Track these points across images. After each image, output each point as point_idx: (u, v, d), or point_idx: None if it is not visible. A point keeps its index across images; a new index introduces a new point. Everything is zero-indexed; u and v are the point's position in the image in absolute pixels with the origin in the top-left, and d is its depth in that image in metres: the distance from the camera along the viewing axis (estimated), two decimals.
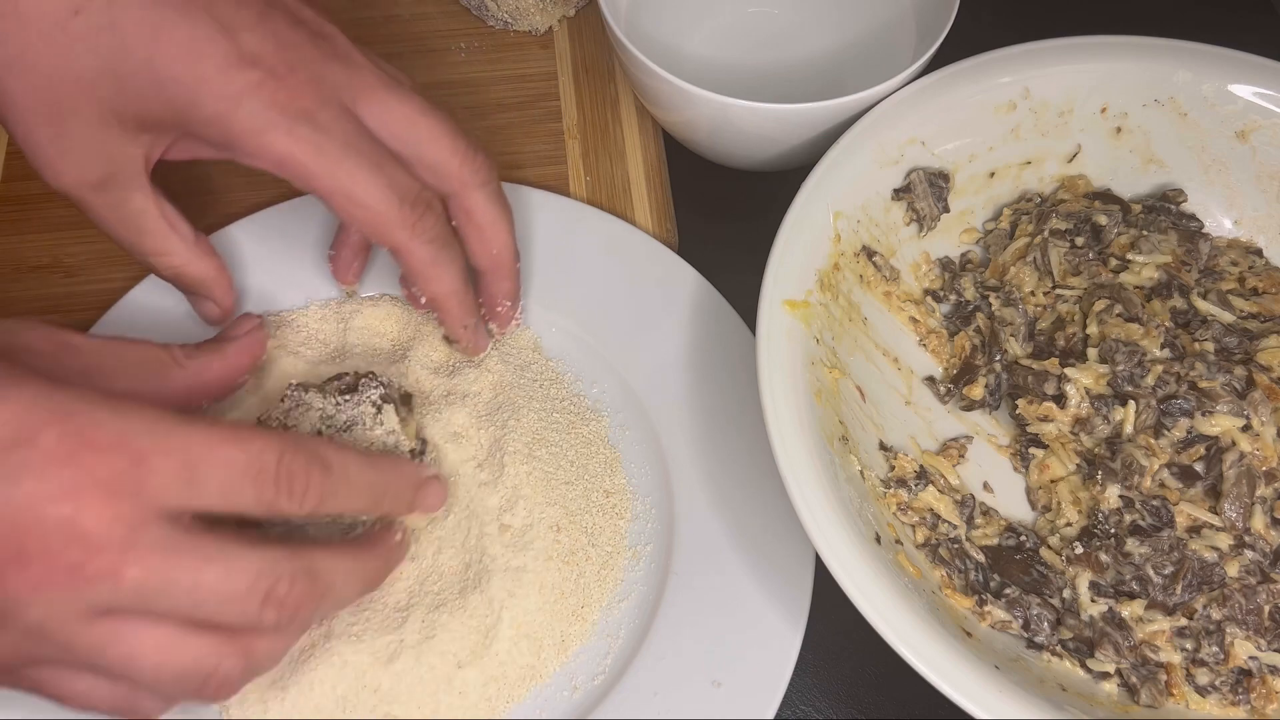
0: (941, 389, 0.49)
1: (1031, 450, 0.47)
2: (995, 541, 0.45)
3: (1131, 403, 0.44)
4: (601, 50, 0.61)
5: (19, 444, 0.30)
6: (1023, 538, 0.45)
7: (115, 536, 0.30)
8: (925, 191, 0.50)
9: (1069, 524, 0.45)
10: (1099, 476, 0.44)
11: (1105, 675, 0.41)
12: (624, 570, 0.45)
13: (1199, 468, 0.44)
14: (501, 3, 0.60)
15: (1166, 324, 0.46)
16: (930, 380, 0.49)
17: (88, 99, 0.38)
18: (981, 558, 0.44)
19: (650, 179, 0.56)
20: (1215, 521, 0.42)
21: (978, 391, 0.48)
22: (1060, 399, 0.46)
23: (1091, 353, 0.46)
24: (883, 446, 0.46)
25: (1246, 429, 0.43)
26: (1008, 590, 0.43)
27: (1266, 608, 0.41)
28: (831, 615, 0.44)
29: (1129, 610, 0.42)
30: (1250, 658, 0.41)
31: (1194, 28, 0.52)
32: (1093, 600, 0.42)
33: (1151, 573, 0.42)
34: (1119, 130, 0.52)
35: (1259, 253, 0.51)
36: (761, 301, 0.43)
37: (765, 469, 0.46)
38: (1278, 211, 0.51)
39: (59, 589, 0.30)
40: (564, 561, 0.44)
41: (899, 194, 0.50)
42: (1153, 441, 0.44)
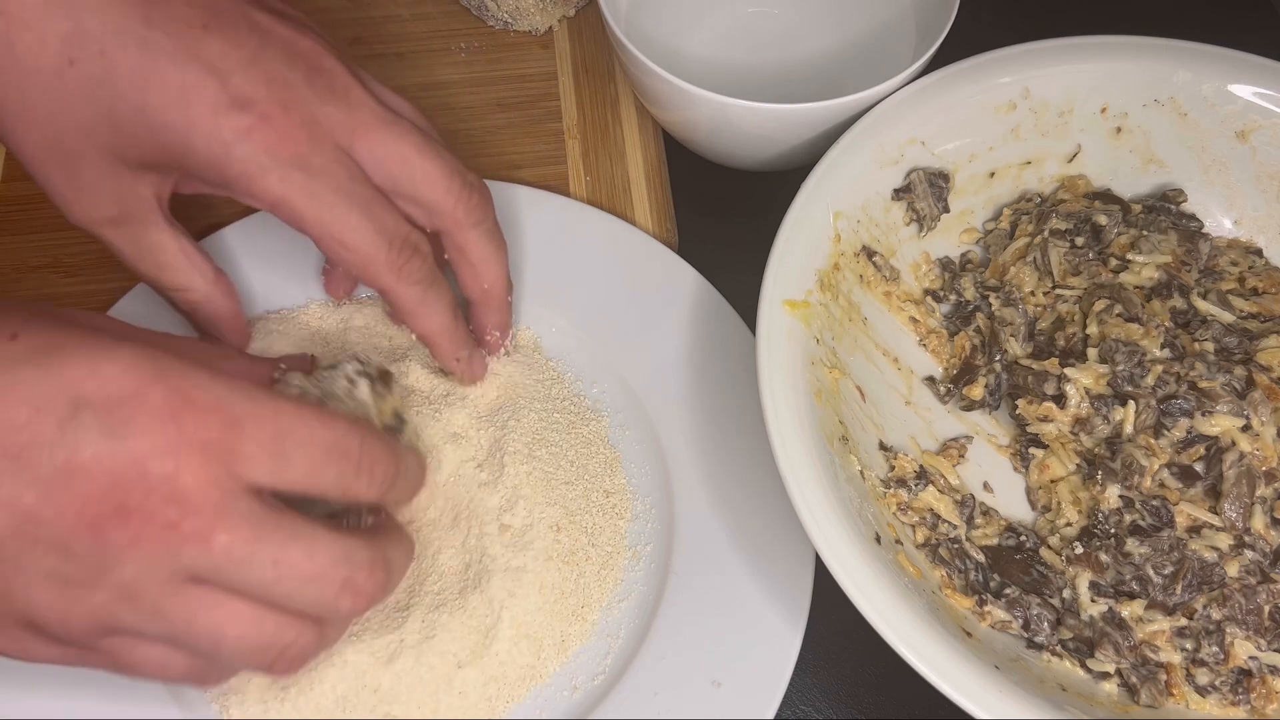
0: (941, 389, 0.49)
1: (1031, 450, 0.47)
2: (995, 541, 0.45)
3: (1131, 403, 0.44)
4: (601, 50, 0.61)
5: (126, 400, 0.30)
6: (1023, 538, 0.45)
7: (210, 500, 0.31)
8: (925, 191, 0.50)
9: (1069, 524, 0.45)
10: (1099, 476, 0.44)
11: (1105, 675, 0.41)
12: (624, 570, 0.45)
13: (1199, 468, 0.44)
14: (501, 3, 0.60)
15: (1166, 324, 0.46)
16: (930, 380, 0.49)
17: (91, 145, 0.39)
18: (981, 558, 0.44)
19: (650, 179, 0.56)
20: (1215, 521, 0.42)
21: (978, 391, 0.48)
22: (1060, 399, 0.46)
23: (1091, 353, 0.46)
24: (883, 446, 0.46)
25: (1246, 429, 0.43)
26: (1008, 590, 0.43)
27: (1266, 608, 0.41)
28: (831, 615, 0.44)
29: (1129, 610, 0.42)
30: (1250, 658, 0.41)
31: (1194, 28, 0.52)
32: (1093, 600, 0.42)
33: (1151, 573, 0.42)
34: (1119, 130, 0.52)
35: (1259, 253, 0.51)
36: (761, 301, 0.43)
37: (765, 469, 0.46)
38: (1278, 211, 0.51)
39: (154, 546, 0.31)
40: (564, 561, 0.44)
41: (899, 194, 0.50)
42: (1153, 441, 0.44)
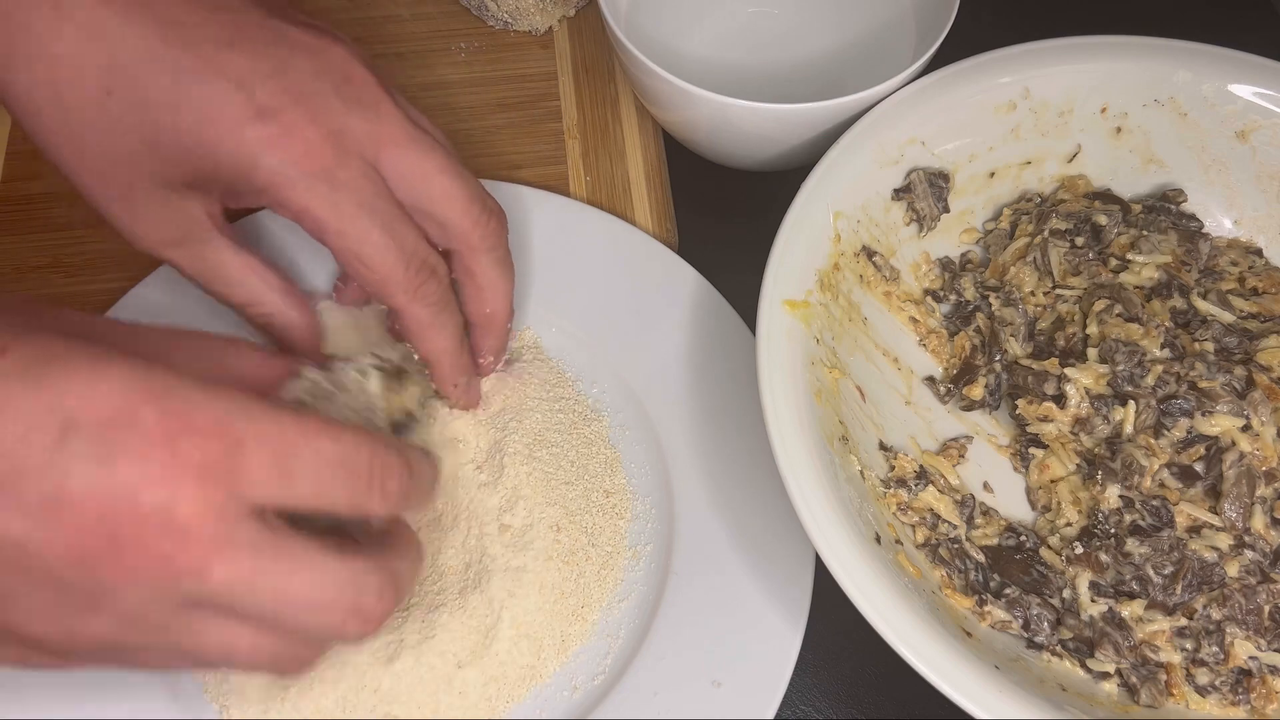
0: (941, 389, 0.49)
1: (1031, 450, 0.47)
2: (995, 541, 0.45)
3: (1131, 403, 0.44)
4: (601, 50, 0.61)
5: (117, 423, 0.29)
6: (1023, 538, 0.45)
7: (207, 530, 0.29)
8: (925, 191, 0.50)
9: (1069, 524, 0.45)
10: (1099, 476, 0.44)
11: (1105, 675, 0.41)
12: (624, 570, 0.45)
13: (1199, 468, 0.44)
14: (501, 3, 0.60)
15: (1166, 324, 0.46)
16: (930, 380, 0.49)
17: (139, 173, 0.39)
18: (981, 558, 0.44)
19: (650, 179, 0.56)
20: (1215, 521, 0.42)
21: (978, 391, 0.48)
22: (1060, 399, 0.46)
23: (1091, 353, 0.46)
24: (883, 446, 0.46)
25: (1246, 429, 0.43)
26: (1008, 590, 0.43)
27: (1266, 608, 0.41)
28: (831, 615, 0.44)
29: (1129, 610, 0.42)
30: (1250, 658, 0.41)
31: (1194, 28, 0.52)
32: (1093, 600, 0.42)
33: (1151, 573, 0.42)
34: (1119, 130, 0.52)
35: (1259, 253, 0.51)
36: (761, 301, 0.43)
37: (765, 469, 0.46)
38: (1278, 211, 0.51)
39: (150, 579, 0.29)
40: (564, 561, 0.44)
41: (899, 194, 0.50)
42: (1153, 441, 0.44)
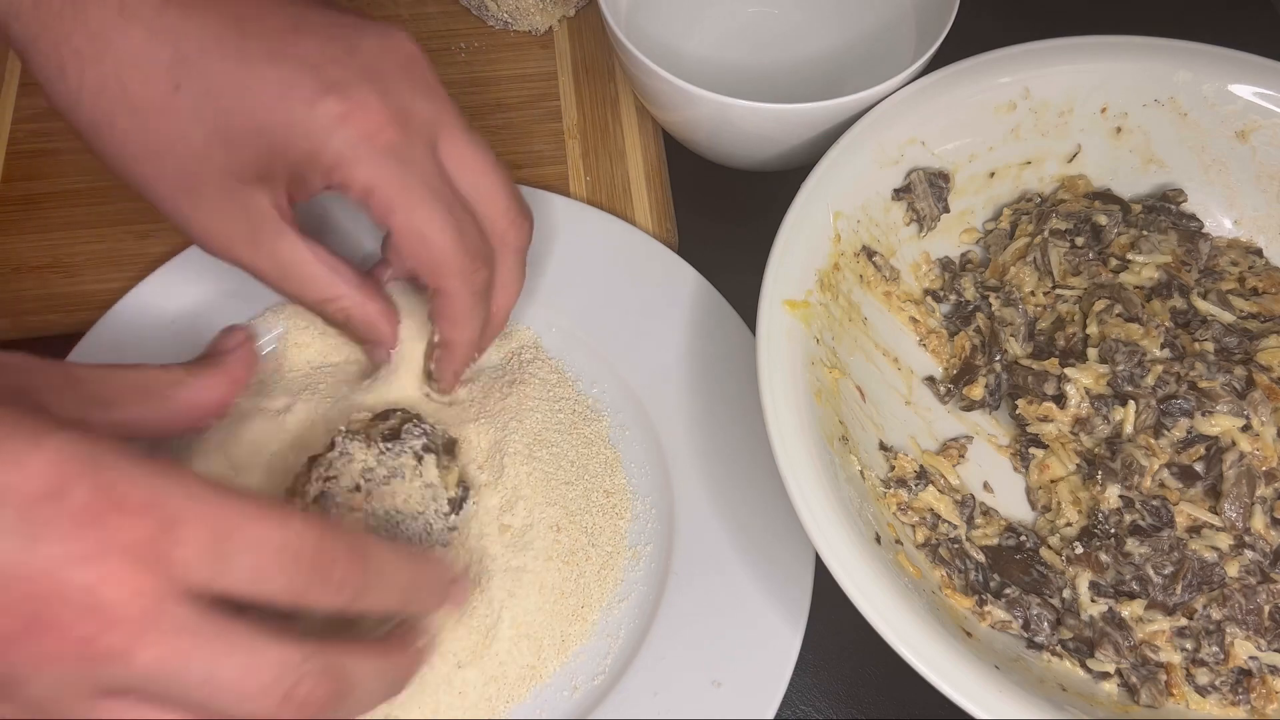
0: (941, 389, 0.49)
1: (1031, 450, 0.47)
2: (995, 541, 0.45)
3: (1131, 403, 0.44)
4: (601, 50, 0.61)
5: (47, 499, 0.28)
6: (1023, 538, 0.45)
7: (133, 613, 0.28)
8: (925, 191, 0.50)
9: (1069, 524, 0.45)
10: (1099, 476, 0.44)
11: (1105, 675, 0.41)
12: (624, 570, 0.45)
13: (1199, 468, 0.44)
14: (501, 3, 0.60)
15: (1166, 324, 0.46)
16: (930, 380, 0.49)
17: (209, 168, 0.39)
18: (981, 558, 0.44)
19: (650, 179, 0.56)
20: (1215, 521, 0.42)
21: (978, 391, 0.48)
22: (1060, 399, 0.46)
23: (1091, 353, 0.46)
24: (883, 446, 0.46)
25: (1246, 429, 0.43)
26: (1008, 590, 0.43)
27: (1266, 608, 0.41)
28: (831, 615, 0.44)
29: (1129, 610, 0.42)
30: (1250, 658, 0.41)
31: (1194, 28, 0.52)
32: (1093, 600, 0.42)
33: (1151, 573, 0.42)
34: (1119, 130, 0.52)
35: (1259, 253, 0.51)
36: (761, 301, 0.43)
37: (765, 469, 0.46)
38: (1278, 211, 0.51)
39: (67, 664, 0.28)
40: (564, 561, 0.44)
41: (899, 194, 0.50)
42: (1153, 441, 0.44)
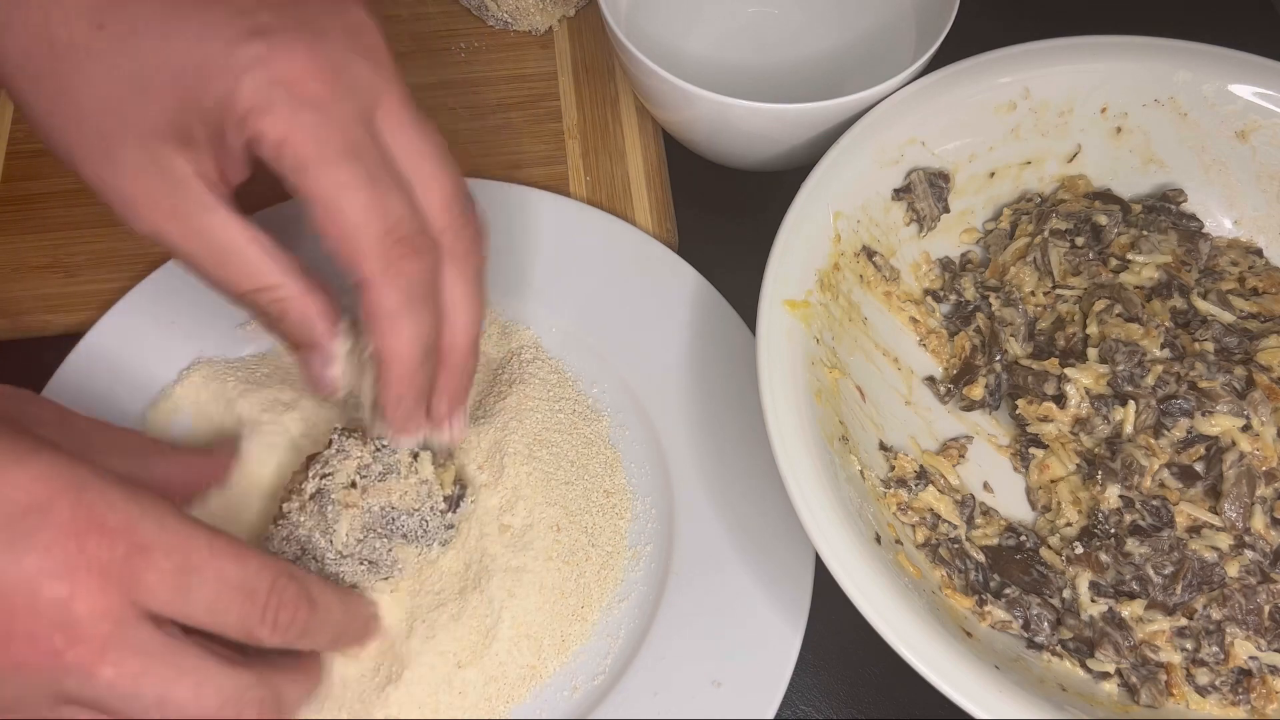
0: (941, 389, 0.49)
1: (1031, 450, 0.47)
2: (995, 541, 0.45)
3: (1131, 403, 0.44)
4: (601, 50, 0.61)
5: (32, 512, 0.30)
6: (1023, 538, 0.45)
7: (100, 630, 0.30)
8: (925, 191, 0.50)
9: (1069, 524, 0.45)
10: (1099, 476, 0.44)
11: (1105, 675, 0.41)
12: (624, 570, 0.45)
13: (1199, 468, 0.44)
14: (501, 3, 0.60)
15: (1166, 324, 0.46)
16: (930, 380, 0.49)
17: (124, 123, 0.35)
18: (981, 558, 0.44)
19: (650, 179, 0.56)
20: (1215, 521, 0.42)
21: (978, 391, 0.48)
22: (1060, 399, 0.46)
23: (1091, 353, 0.46)
24: (883, 446, 0.46)
25: (1246, 429, 0.43)
26: (1008, 590, 0.43)
27: (1266, 608, 0.41)
28: (831, 615, 0.44)
29: (1129, 610, 0.42)
30: (1250, 658, 0.41)
31: (1194, 28, 0.52)
32: (1093, 600, 0.42)
33: (1151, 573, 0.42)
34: (1119, 130, 0.52)
35: (1259, 253, 0.51)
36: (761, 301, 0.43)
37: (765, 469, 0.46)
38: (1278, 211, 0.51)
39: (35, 673, 0.30)
40: (564, 561, 0.44)
41: (899, 194, 0.50)
42: (1153, 441, 0.44)
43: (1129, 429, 0.44)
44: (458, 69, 0.60)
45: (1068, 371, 0.46)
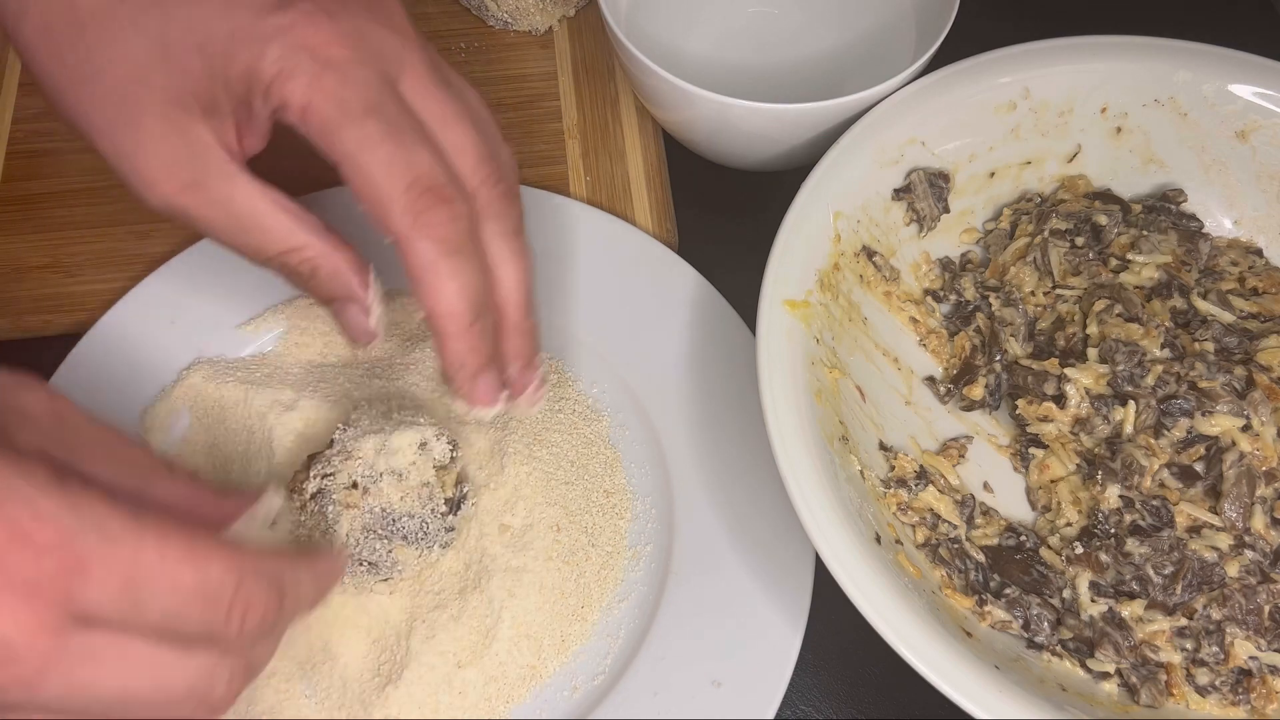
0: (941, 389, 0.49)
1: (1031, 450, 0.47)
2: (995, 541, 0.45)
3: (1131, 403, 0.44)
4: (601, 50, 0.61)
5: None
6: (1023, 538, 0.45)
7: (37, 647, 0.27)
8: (925, 191, 0.50)
9: (1069, 524, 0.45)
10: (1099, 476, 0.44)
11: (1105, 675, 0.41)
12: (624, 570, 0.45)
13: (1199, 468, 0.44)
14: (501, 3, 0.60)
15: (1166, 324, 0.46)
16: (930, 380, 0.49)
17: (148, 90, 0.35)
18: (981, 558, 0.44)
19: (650, 179, 0.56)
20: (1215, 521, 0.42)
21: (978, 391, 0.48)
22: (1060, 399, 0.46)
23: (1091, 353, 0.46)
24: (883, 446, 0.46)
25: (1246, 429, 0.43)
26: (1008, 590, 0.43)
27: (1266, 608, 0.41)
28: (831, 615, 0.44)
29: (1129, 610, 0.42)
30: (1250, 658, 0.41)
31: (1194, 28, 0.52)
32: (1093, 600, 0.42)
33: (1151, 573, 0.42)
34: (1119, 130, 0.52)
35: (1259, 253, 0.51)
36: (761, 301, 0.43)
37: (765, 469, 0.46)
38: (1278, 211, 0.51)
39: None
40: (564, 561, 0.44)
41: (899, 194, 0.50)
42: (1153, 441, 0.44)
43: (1129, 429, 0.44)
44: (457, 69, 0.60)
45: (1068, 371, 0.46)
